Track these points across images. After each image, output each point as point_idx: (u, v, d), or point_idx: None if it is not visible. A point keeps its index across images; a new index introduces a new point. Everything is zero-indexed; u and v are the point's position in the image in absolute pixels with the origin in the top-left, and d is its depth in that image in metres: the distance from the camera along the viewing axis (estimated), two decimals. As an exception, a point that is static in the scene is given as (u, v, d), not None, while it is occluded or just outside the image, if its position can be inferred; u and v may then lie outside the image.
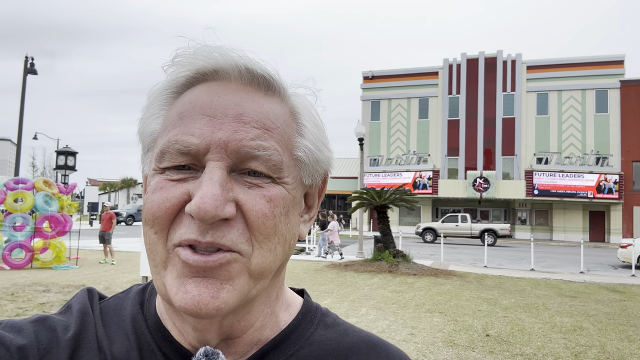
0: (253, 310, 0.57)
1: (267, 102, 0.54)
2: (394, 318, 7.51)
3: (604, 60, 34.06)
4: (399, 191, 15.41)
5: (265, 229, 0.51)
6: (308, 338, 0.62)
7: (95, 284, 9.78)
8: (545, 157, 33.13)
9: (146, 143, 0.57)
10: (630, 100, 33.16)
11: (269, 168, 0.51)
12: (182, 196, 0.50)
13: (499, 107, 35.55)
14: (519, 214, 35.01)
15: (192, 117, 0.52)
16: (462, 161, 36.10)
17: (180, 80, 0.55)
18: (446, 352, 5.83)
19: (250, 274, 0.51)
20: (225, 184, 0.49)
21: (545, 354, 5.90)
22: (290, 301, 0.66)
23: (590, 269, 16.38)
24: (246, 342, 0.58)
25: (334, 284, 10.71)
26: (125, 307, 0.62)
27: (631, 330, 7.29)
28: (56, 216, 12.64)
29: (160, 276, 0.52)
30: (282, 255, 0.55)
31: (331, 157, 0.61)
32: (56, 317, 0.59)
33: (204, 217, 0.47)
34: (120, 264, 13.35)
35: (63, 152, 21.31)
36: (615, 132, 33.36)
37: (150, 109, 0.57)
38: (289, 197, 0.54)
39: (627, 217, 32.36)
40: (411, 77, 38.33)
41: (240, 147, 0.50)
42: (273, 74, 0.55)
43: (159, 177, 0.52)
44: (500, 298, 9.60)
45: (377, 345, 0.64)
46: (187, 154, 0.50)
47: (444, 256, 17.64)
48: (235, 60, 0.53)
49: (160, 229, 0.51)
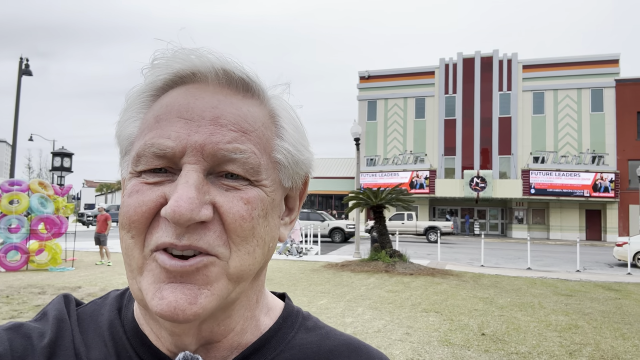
0: (233, 315, 0.56)
1: (245, 104, 0.54)
2: (390, 318, 7.52)
3: (599, 59, 34.18)
4: (395, 191, 15.42)
5: (242, 232, 0.50)
6: (289, 342, 0.62)
7: (91, 286, 9.77)
8: (542, 156, 33.23)
9: (123, 146, 0.57)
10: (626, 99, 33.28)
11: (246, 171, 0.51)
12: (158, 199, 0.50)
13: (495, 107, 35.63)
14: (515, 213, 35.08)
15: (168, 120, 0.51)
16: (459, 160, 36.16)
17: (158, 84, 0.54)
18: (442, 351, 5.84)
19: (229, 278, 0.51)
20: (201, 186, 0.49)
21: (540, 352, 5.92)
22: (271, 305, 0.66)
23: (587, 267, 16.44)
24: (226, 347, 0.58)
25: (331, 284, 10.71)
26: (103, 313, 0.61)
27: (626, 328, 7.31)
28: (52, 218, 12.61)
29: (137, 281, 0.51)
30: (262, 258, 0.54)
31: (311, 159, 0.61)
32: (31, 324, 0.58)
33: (179, 220, 0.47)
34: (117, 266, 13.32)
35: (59, 154, 21.25)
36: (610, 131, 33.48)
37: (127, 112, 0.56)
38: (267, 199, 0.53)
39: (623, 215, 32.47)
40: (407, 76, 38.38)
41: (217, 150, 0.50)
42: (252, 76, 0.55)
43: (135, 181, 0.52)
44: (497, 297, 9.62)
45: (358, 348, 0.64)
46: (163, 157, 0.50)
47: (440, 256, 17.67)
48: (213, 62, 0.52)
49: (137, 233, 0.50)
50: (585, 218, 33.85)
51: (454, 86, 36.71)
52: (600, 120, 33.81)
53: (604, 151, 33.18)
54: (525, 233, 27.67)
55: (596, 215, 33.66)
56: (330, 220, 25.66)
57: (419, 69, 38.25)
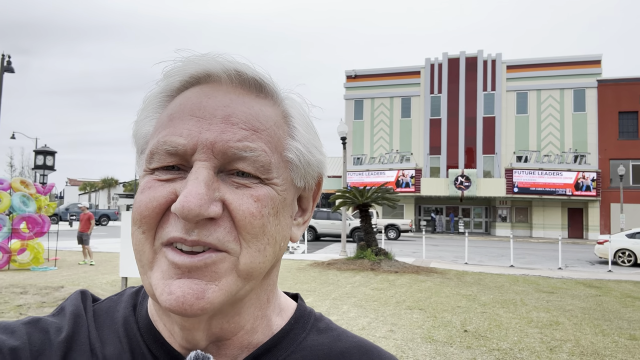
0: (243, 312, 0.57)
1: (257, 103, 0.55)
2: (374, 315, 7.57)
3: (581, 60, 34.70)
4: (380, 190, 15.51)
5: (252, 229, 0.51)
6: (300, 343, 0.62)
7: (74, 286, 9.66)
8: (525, 155, 33.67)
9: (139, 145, 0.58)
10: (607, 100, 33.86)
11: (256, 169, 0.52)
12: (169, 195, 0.51)
13: (479, 106, 35.97)
14: (499, 212, 35.48)
15: (181, 118, 0.52)
16: (444, 160, 36.45)
17: (175, 84, 0.56)
18: (424, 348, 5.91)
19: (239, 274, 0.51)
20: (211, 183, 0.50)
21: (521, 348, 6.02)
22: (284, 305, 0.66)
23: (569, 264, 16.71)
24: (237, 345, 0.58)
25: (317, 282, 10.74)
26: (118, 309, 0.62)
27: (605, 325, 7.46)
28: (34, 217, 12.43)
29: (147, 276, 0.52)
30: (272, 257, 0.55)
31: (324, 160, 0.61)
32: (49, 319, 0.59)
33: (187, 216, 0.47)
34: (100, 265, 13.19)
35: (41, 152, 20.92)
36: (592, 131, 34.03)
37: (144, 112, 0.58)
38: (278, 198, 0.54)
39: (605, 213, 33.05)
40: (394, 76, 38.55)
41: (227, 148, 0.50)
42: (265, 77, 0.56)
43: (148, 178, 0.53)
44: (479, 294, 9.75)
45: (369, 350, 0.64)
46: (175, 155, 0.51)
47: (425, 254, 17.83)
48: (225, 64, 0.54)
49: (147, 229, 0.51)
50: (568, 216, 34.38)
51: (439, 86, 36.98)
52: (583, 120, 34.34)
53: (586, 150, 33.73)
54: (509, 231, 28.04)
55: (578, 213, 34.20)
56: (351, 220, 25.33)
57: (405, 68, 38.45)
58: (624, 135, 33.66)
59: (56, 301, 8.08)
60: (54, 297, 8.47)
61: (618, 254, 17.33)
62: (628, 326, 7.41)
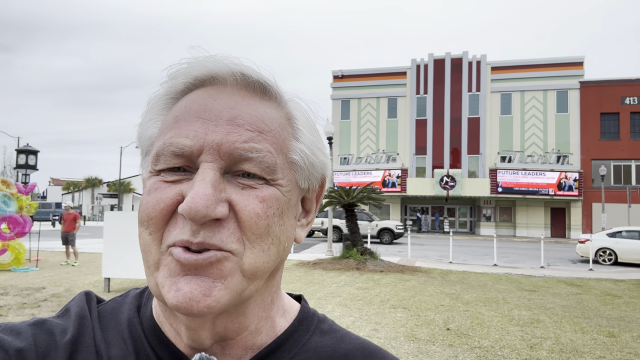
0: (247, 313, 0.57)
1: (262, 106, 0.55)
2: (358, 314, 7.62)
3: (564, 61, 35.23)
4: (366, 189, 15.58)
5: (257, 229, 0.51)
6: (304, 344, 0.62)
7: (56, 287, 9.54)
8: (509, 155, 34.11)
9: (144, 147, 0.58)
10: (589, 101, 34.43)
11: (262, 170, 0.52)
12: (176, 197, 0.51)
13: (464, 107, 36.33)
14: (483, 211, 35.87)
15: (187, 120, 0.53)
16: (430, 160, 36.74)
17: (179, 87, 0.56)
18: (407, 346, 5.97)
19: (243, 274, 0.51)
20: (217, 184, 0.50)
21: (502, 346, 6.10)
22: (287, 307, 0.66)
23: (551, 263, 16.94)
24: (241, 346, 0.58)
25: (302, 282, 10.76)
26: (123, 310, 0.63)
27: (585, 322, 7.60)
28: (15, 217, 12.25)
29: (153, 277, 0.52)
30: (276, 257, 0.55)
31: (327, 162, 0.62)
32: (54, 320, 0.59)
33: (195, 217, 0.48)
34: (84, 266, 13.04)
35: (23, 151, 20.60)
36: (575, 132, 34.58)
37: (149, 114, 0.58)
38: (283, 199, 0.54)
39: (587, 213, 33.60)
40: (380, 76, 38.75)
41: (233, 149, 0.51)
42: (269, 80, 0.56)
43: (154, 179, 0.53)
44: (463, 293, 9.85)
45: (373, 352, 0.64)
46: (181, 156, 0.51)
47: (411, 253, 17.95)
48: (230, 66, 0.54)
49: (154, 230, 0.51)
50: (551, 216, 34.89)
51: (425, 87, 37.25)
52: (565, 121, 34.87)
53: (569, 151, 34.25)
54: (493, 230, 28.28)
55: (561, 213, 34.72)
56: (379, 221, 24.77)
57: (391, 69, 38.67)
58: (606, 136, 34.26)
59: (37, 302, 7.98)
60: (35, 298, 8.36)
61: (599, 253, 17.62)
62: (607, 323, 7.56)
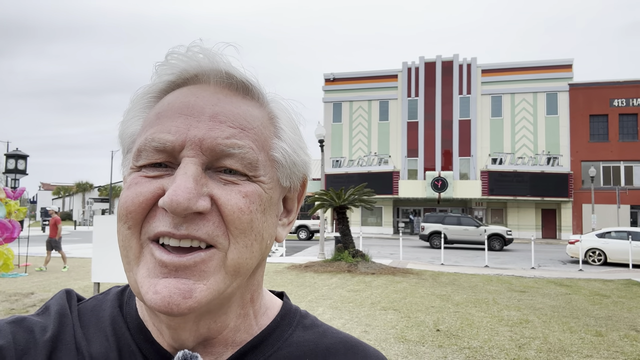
0: (228, 312, 0.57)
1: (244, 104, 0.56)
2: (349, 316, 7.62)
3: (553, 64, 35.55)
4: (357, 192, 15.61)
5: (240, 224, 0.51)
6: (286, 339, 0.63)
7: (45, 292, 9.47)
8: (500, 157, 34.31)
9: (126, 145, 0.58)
10: (578, 103, 34.75)
11: (244, 166, 0.52)
12: (157, 191, 0.51)
13: (455, 110, 36.52)
14: (475, 213, 36.02)
15: (169, 116, 0.53)
16: (422, 162, 36.86)
17: (162, 85, 0.57)
18: (397, 347, 5.98)
19: (227, 271, 0.52)
20: (199, 179, 0.50)
21: (491, 346, 6.14)
22: (269, 304, 0.67)
23: (541, 264, 17.07)
24: (221, 343, 0.59)
25: (293, 285, 10.75)
26: (104, 308, 0.62)
27: (573, 322, 7.66)
28: (3, 222, 12.13)
29: (133, 273, 0.52)
30: (259, 254, 0.56)
31: (309, 161, 0.62)
32: (34, 318, 0.58)
33: (176, 209, 0.48)
34: (73, 270, 12.95)
35: (13, 156, 20.43)
36: (564, 133, 34.87)
37: (131, 112, 0.58)
38: (265, 195, 0.55)
39: (577, 214, 33.86)
40: (372, 79, 38.86)
41: (215, 145, 0.51)
42: (252, 80, 0.57)
43: (135, 174, 0.53)
44: (453, 294, 9.89)
45: (354, 346, 0.65)
46: (163, 151, 0.52)
47: (402, 255, 17.99)
48: (215, 65, 0.55)
49: (133, 224, 0.51)
50: (542, 217, 35.13)
51: (416, 89, 37.41)
52: (555, 123, 35.16)
53: (559, 152, 34.53)
54: (485, 232, 28.45)
55: (551, 214, 34.97)
56: (487, 226, 23.48)
57: (382, 72, 38.80)
58: (595, 137, 34.58)
59: (25, 308, 7.91)
60: (23, 303, 8.30)
61: (589, 254, 17.77)
62: (595, 323, 7.63)
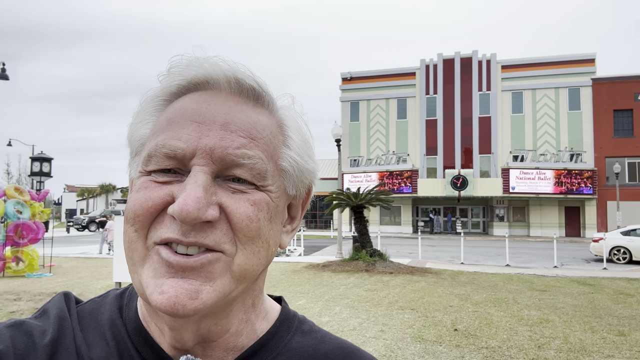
0: (230, 315, 0.58)
1: (255, 112, 0.56)
2: (366, 316, 7.60)
3: (575, 59, 34.82)
4: (374, 191, 15.55)
5: (249, 231, 0.52)
6: (285, 345, 0.63)
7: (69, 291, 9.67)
8: (521, 154, 33.73)
9: (134, 147, 0.59)
10: (602, 98, 33.96)
11: (253, 176, 0.53)
12: (166, 197, 0.51)
13: (475, 107, 36.06)
14: (496, 211, 35.52)
15: (180, 122, 0.53)
16: (441, 160, 36.51)
17: (172, 89, 0.57)
18: (414, 347, 5.95)
19: (232, 275, 0.52)
20: (209, 187, 0.51)
21: (510, 346, 6.05)
22: (269, 309, 0.67)
23: (564, 263, 16.74)
24: (222, 347, 0.59)
25: (311, 284, 10.77)
26: (103, 311, 0.62)
27: (595, 322, 7.50)
28: (28, 223, 12.45)
29: (138, 274, 0.52)
30: (265, 260, 0.56)
31: (316, 169, 0.63)
32: (32, 321, 0.58)
33: (185, 219, 0.48)
34: (96, 270, 13.21)
35: (38, 159, 20.99)
36: (588, 129, 34.12)
37: (140, 115, 0.59)
38: (272, 204, 0.55)
39: (601, 211, 33.10)
40: (389, 77, 38.65)
41: (226, 154, 0.52)
42: (262, 86, 0.58)
43: (144, 178, 0.54)
44: (472, 293, 9.78)
45: (351, 352, 0.66)
46: (174, 158, 0.52)
47: (422, 254, 17.86)
48: (225, 71, 0.55)
49: (140, 227, 0.52)
50: (565, 215, 34.43)
51: (434, 87, 37.07)
52: (578, 119, 34.44)
53: (582, 149, 33.79)
54: (507, 231, 27.95)
55: (575, 212, 34.25)
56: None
57: (400, 70, 38.55)
58: (619, 133, 33.76)
59: (49, 307, 8.10)
60: (47, 303, 8.49)
61: (613, 252, 17.37)
62: (617, 322, 7.46)
